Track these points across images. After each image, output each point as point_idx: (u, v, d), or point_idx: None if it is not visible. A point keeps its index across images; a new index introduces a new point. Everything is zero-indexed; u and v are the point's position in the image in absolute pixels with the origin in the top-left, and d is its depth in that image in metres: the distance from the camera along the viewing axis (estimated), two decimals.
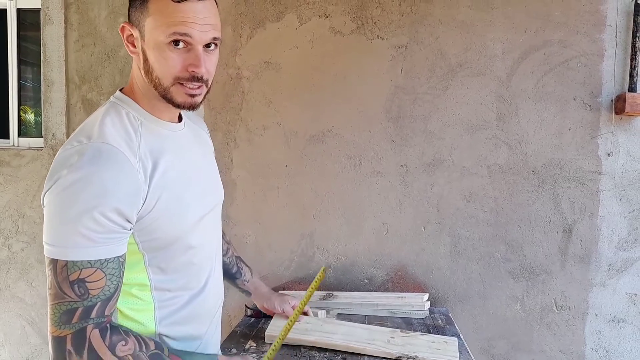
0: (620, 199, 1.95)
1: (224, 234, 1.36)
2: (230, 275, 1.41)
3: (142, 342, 0.90)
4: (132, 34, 0.93)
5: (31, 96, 2.50)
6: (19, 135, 2.44)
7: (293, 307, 1.47)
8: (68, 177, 0.83)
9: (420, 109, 2.03)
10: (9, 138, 2.43)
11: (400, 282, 2.06)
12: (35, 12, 2.32)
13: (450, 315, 1.88)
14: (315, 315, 1.67)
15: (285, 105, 2.11)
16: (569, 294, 1.98)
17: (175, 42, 0.89)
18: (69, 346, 0.83)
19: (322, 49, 2.08)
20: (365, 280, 2.09)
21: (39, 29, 2.29)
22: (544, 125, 1.97)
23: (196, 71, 0.91)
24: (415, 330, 1.64)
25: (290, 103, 2.11)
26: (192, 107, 0.95)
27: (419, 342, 1.45)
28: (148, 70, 0.92)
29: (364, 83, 2.06)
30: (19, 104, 2.45)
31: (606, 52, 1.93)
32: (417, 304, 1.81)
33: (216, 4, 0.96)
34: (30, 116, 2.51)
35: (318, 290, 2.00)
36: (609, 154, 1.94)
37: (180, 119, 1.06)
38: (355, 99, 2.07)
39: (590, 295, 1.97)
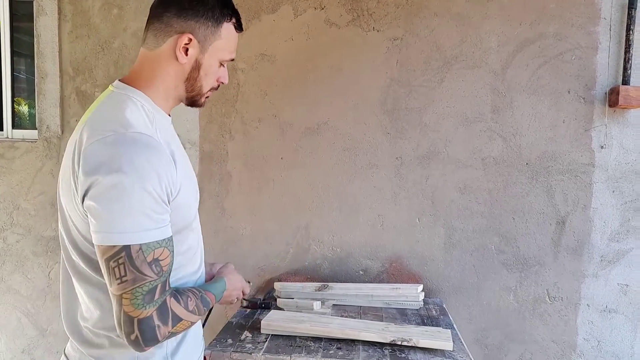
0: (613, 191, 1.97)
1: None
2: None
3: (194, 291, 1.01)
4: (189, 44, 1.00)
5: (25, 88, 2.48)
6: (13, 127, 2.42)
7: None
8: (121, 165, 0.86)
9: (415, 102, 2.04)
10: (2, 130, 2.41)
11: (395, 273, 2.08)
12: (29, 3, 2.30)
13: (444, 306, 1.90)
14: (310, 306, 1.69)
15: (281, 97, 2.11)
16: (561, 284, 2.00)
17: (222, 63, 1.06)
18: (156, 321, 0.89)
19: (318, 41, 2.08)
20: (361, 272, 2.10)
21: (32, 20, 2.27)
22: (538, 117, 1.98)
23: (225, 83, 1.11)
24: (410, 321, 1.66)
25: (285, 95, 2.11)
26: (201, 106, 1.11)
27: (413, 330, 1.46)
28: (194, 77, 1.03)
29: (360, 75, 2.06)
30: (13, 96, 2.43)
31: (600, 45, 1.94)
32: (412, 294, 1.83)
33: None
34: (24, 108, 2.50)
35: (313, 282, 2.02)
36: (602, 147, 1.96)
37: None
38: (351, 92, 2.07)
39: (583, 286, 1.99)
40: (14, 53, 2.41)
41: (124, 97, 0.97)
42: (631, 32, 1.89)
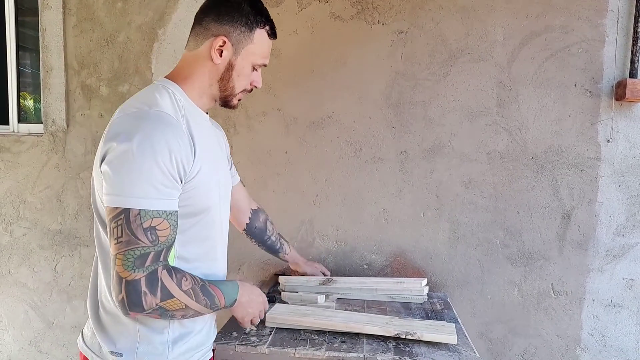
0: (619, 185, 1.95)
1: (267, 215, 1.73)
2: (275, 250, 1.76)
3: (194, 277, 1.05)
4: (223, 46, 1.09)
5: (30, 82, 2.49)
6: (19, 121, 2.43)
7: (316, 268, 1.85)
8: (137, 135, 0.93)
9: (420, 95, 2.03)
10: (8, 124, 2.43)
11: (400, 267, 2.08)
12: None
13: (448, 300, 1.90)
14: (315, 300, 1.69)
15: (285, 91, 2.11)
16: (566, 279, 2.00)
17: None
18: (144, 287, 0.94)
19: (322, 35, 2.07)
20: (365, 266, 2.11)
21: (37, 14, 2.27)
22: (544, 111, 1.97)
23: (258, 86, 1.18)
24: (414, 315, 1.66)
25: (289, 89, 2.11)
26: (235, 107, 1.18)
27: (417, 324, 1.47)
28: (226, 78, 1.11)
29: (364, 69, 2.05)
30: (18, 90, 2.44)
31: (607, 38, 1.92)
32: (416, 289, 1.82)
33: None
34: (29, 102, 2.51)
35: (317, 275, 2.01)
36: (608, 141, 1.94)
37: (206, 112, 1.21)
38: (355, 85, 2.06)
39: (588, 281, 1.99)
40: (19, 47, 2.42)
41: (159, 87, 1.08)
42: (639, 24, 1.87)
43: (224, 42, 1.08)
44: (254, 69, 1.14)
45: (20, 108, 2.46)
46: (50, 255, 2.35)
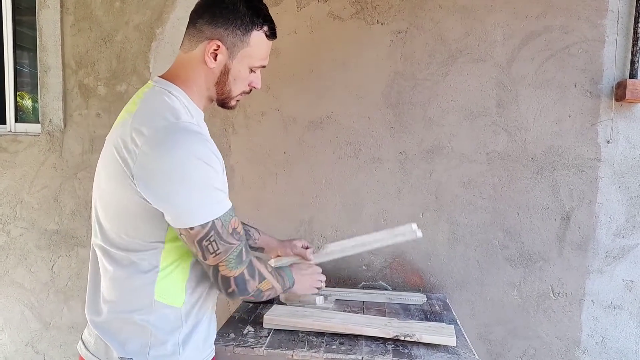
0: (619, 187, 1.95)
1: None
2: None
3: (265, 263, 1.17)
4: (217, 50, 1.05)
5: (28, 82, 2.48)
6: (16, 121, 2.42)
7: (302, 247, 1.63)
8: (178, 151, 0.93)
9: (419, 95, 2.02)
10: (5, 124, 2.41)
11: (398, 268, 2.07)
12: None
13: (447, 301, 1.89)
14: (313, 301, 1.68)
15: (284, 91, 2.10)
16: (565, 280, 1.99)
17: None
18: (247, 277, 1.06)
19: (321, 34, 2.06)
20: (364, 267, 2.10)
21: (34, 13, 2.26)
22: (543, 112, 1.96)
23: (257, 88, 1.15)
24: (413, 316, 1.66)
25: (288, 89, 2.10)
26: (233, 108, 1.17)
27: (416, 326, 1.46)
28: (223, 82, 1.08)
29: (363, 69, 2.04)
30: (16, 90, 2.43)
31: (607, 38, 1.91)
32: (408, 232, 1.59)
33: None
34: (27, 102, 2.50)
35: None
36: (608, 141, 1.94)
37: None
38: (354, 85, 2.05)
39: (587, 282, 1.98)
40: (16, 46, 2.41)
41: (164, 92, 1.04)
42: (639, 24, 1.86)
43: (218, 47, 1.04)
44: (252, 71, 1.11)
45: (17, 107, 2.44)
46: (47, 256, 2.33)
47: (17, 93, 2.45)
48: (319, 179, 2.10)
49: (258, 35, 1.07)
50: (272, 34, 1.10)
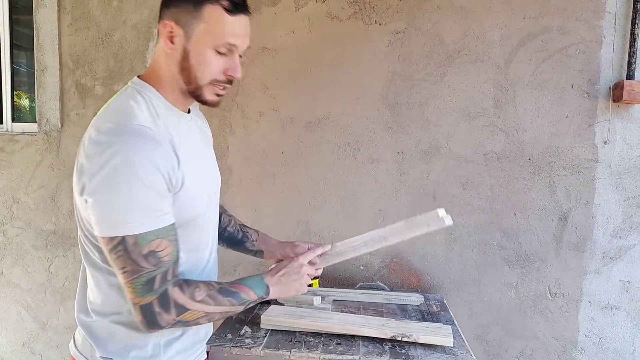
0: (616, 187, 1.95)
1: (224, 209, 1.43)
2: (237, 242, 1.42)
3: (208, 284, 1.02)
4: (173, 32, 0.97)
5: (25, 81, 2.47)
6: (13, 120, 2.41)
7: (308, 249, 1.37)
8: (115, 157, 0.88)
9: (417, 96, 2.02)
10: (2, 123, 2.41)
11: (396, 269, 2.07)
12: None
13: (445, 302, 1.89)
14: (310, 302, 1.68)
15: (282, 91, 2.10)
16: (563, 281, 1.99)
17: (222, 50, 0.97)
18: (157, 309, 0.93)
19: (319, 34, 2.06)
20: (361, 267, 2.10)
21: (31, 13, 2.26)
22: (541, 112, 1.96)
23: (235, 76, 1.01)
24: (410, 317, 1.65)
25: (286, 89, 2.09)
26: (215, 104, 1.03)
27: (413, 326, 1.46)
28: (186, 67, 0.98)
29: (361, 69, 2.04)
30: (13, 89, 2.42)
31: (605, 39, 1.91)
32: (433, 219, 1.27)
33: None
34: (24, 101, 2.49)
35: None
36: (605, 142, 1.94)
37: (188, 110, 1.12)
38: (352, 86, 2.05)
39: (585, 283, 1.98)
40: (13, 46, 2.40)
41: (134, 92, 1.00)
42: (636, 26, 1.86)
43: (172, 27, 0.96)
44: (220, 53, 0.97)
45: (14, 107, 2.44)
46: (44, 256, 2.33)
47: (14, 92, 2.44)
48: (317, 180, 2.10)
49: (213, 10, 0.95)
50: (234, 9, 0.97)
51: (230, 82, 1.02)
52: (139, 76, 1.04)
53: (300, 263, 1.20)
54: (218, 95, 1.02)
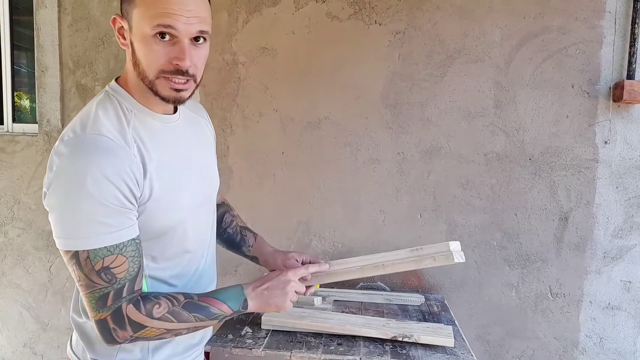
0: (617, 187, 1.95)
1: (230, 207, 1.40)
2: (235, 245, 1.37)
3: (172, 298, 0.96)
4: (122, 26, 0.92)
5: (25, 82, 2.48)
6: (14, 121, 2.42)
7: (303, 262, 1.33)
8: (69, 170, 0.85)
9: (417, 96, 2.02)
10: (3, 124, 2.41)
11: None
12: None
13: (445, 302, 1.89)
14: (311, 302, 1.68)
15: (282, 91, 2.10)
16: (564, 281, 1.99)
17: (162, 35, 0.88)
18: (112, 325, 0.90)
19: (319, 35, 2.06)
20: None
21: (32, 13, 2.26)
22: (541, 112, 1.96)
23: (180, 64, 0.89)
24: (411, 317, 1.65)
25: (286, 89, 2.09)
26: (177, 101, 0.95)
27: (414, 327, 1.46)
28: (135, 62, 0.92)
29: (361, 69, 2.04)
30: (13, 90, 2.42)
31: (605, 39, 1.91)
32: (441, 252, 1.19)
33: None
34: (24, 102, 2.49)
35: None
36: (606, 142, 1.94)
37: (175, 109, 1.06)
38: (352, 86, 2.05)
39: (585, 283, 1.98)
40: (14, 47, 2.40)
41: (102, 97, 0.96)
42: (636, 25, 1.86)
43: (120, 22, 0.92)
44: (162, 39, 0.88)
45: (15, 108, 2.44)
46: (44, 256, 2.33)
47: (15, 93, 2.45)
48: (317, 180, 2.10)
49: None
50: None
51: (181, 72, 0.90)
52: (116, 78, 1.00)
53: (288, 279, 1.08)
54: (177, 90, 0.92)
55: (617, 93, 1.88)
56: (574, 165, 1.95)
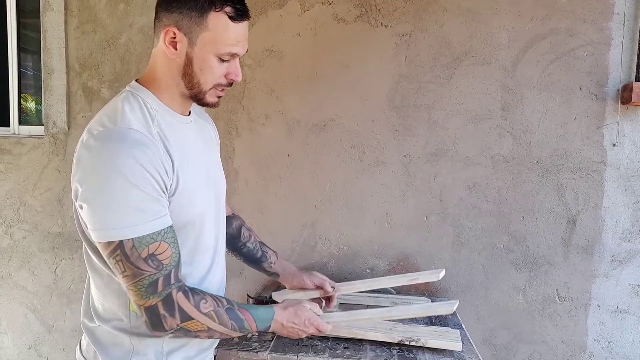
0: (625, 190, 1.93)
1: (243, 221, 1.44)
2: (255, 260, 1.42)
3: (217, 299, 1.00)
4: (175, 38, 0.97)
5: (31, 84, 2.48)
6: (20, 123, 2.42)
7: (315, 277, 1.42)
8: (104, 161, 0.88)
9: (424, 98, 2.01)
10: (9, 126, 2.41)
11: (403, 272, 2.06)
12: None
13: None
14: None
15: (288, 93, 2.09)
16: (571, 284, 1.97)
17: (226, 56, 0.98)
18: (162, 311, 0.93)
19: (325, 37, 2.05)
20: (368, 270, 2.08)
21: (38, 16, 2.26)
22: (549, 115, 1.95)
23: (235, 80, 1.02)
24: (418, 321, 1.64)
25: (292, 92, 2.09)
26: (216, 105, 1.05)
27: (421, 330, 1.44)
28: (189, 73, 0.99)
29: (367, 72, 2.03)
30: (19, 92, 2.43)
31: (613, 41, 1.90)
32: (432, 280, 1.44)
33: None
34: (30, 104, 2.50)
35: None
36: (614, 145, 1.92)
37: (189, 112, 1.11)
38: (358, 88, 2.05)
39: (593, 286, 1.96)
40: (20, 49, 2.41)
41: (129, 95, 0.99)
42: None
43: (175, 34, 0.96)
44: (222, 60, 0.98)
45: (21, 110, 2.45)
46: (50, 258, 2.33)
47: (21, 95, 2.45)
48: (323, 182, 2.09)
49: (218, 17, 0.95)
50: (238, 16, 0.96)
51: (230, 84, 1.03)
52: (137, 79, 1.04)
53: (312, 322, 1.15)
54: (219, 97, 1.05)
55: (625, 95, 1.87)
56: (582, 167, 1.94)
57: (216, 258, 1.14)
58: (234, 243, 1.40)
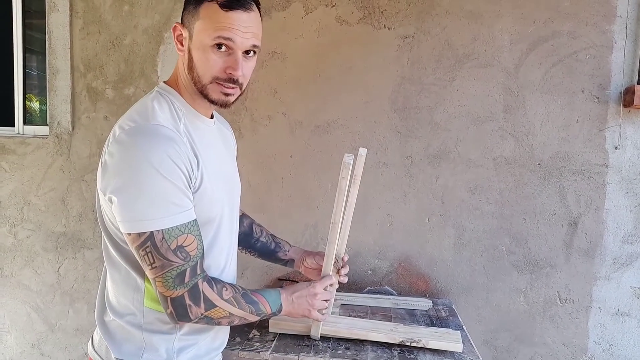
0: (627, 193, 1.93)
1: (253, 219, 1.49)
2: (270, 252, 1.47)
3: (234, 286, 1.06)
4: (182, 34, 1.01)
5: (36, 84, 2.50)
6: (24, 123, 2.44)
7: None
8: (136, 154, 0.91)
9: (426, 100, 2.02)
10: (14, 126, 2.43)
11: (404, 273, 2.06)
12: (41, 0, 2.31)
13: (453, 307, 1.89)
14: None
15: (291, 95, 2.10)
16: (572, 287, 1.97)
17: (219, 46, 0.96)
18: (188, 301, 0.96)
19: (328, 39, 2.06)
20: (369, 272, 2.09)
21: (44, 17, 2.28)
22: (551, 117, 1.95)
23: (233, 74, 0.99)
24: (419, 322, 1.65)
25: (295, 93, 2.10)
26: (224, 104, 1.03)
27: (422, 331, 1.45)
28: (191, 67, 1.00)
29: (370, 73, 2.04)
30: (24, 92, 2.45)
31: (615, 44, 1.90)
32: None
33: (260, 15, 1.05)
34: (35, 104, 2.51)
35: None
36: (616, 147, 1.93)
37: (212, 116, 1.14)
38: (361, 90, 2.05)
39: (595, 289, 1.96)
40: (25, 50, 2.43)
41: (158, 95, 1.03)
42: None
43: (180, 30, 1.00)
44: (219, 50, 0.97)
45: (26, 110, 2.46)
46: (53, 258, 2.34)
47: (26, 95, 2.47)
48: (325, 183, 2.10)
49: (209, 6, 0.96)
50: (228, 5, 0.95)
51: (233, 80, 0.99)
52: (165, 81, 1.08)
53: (315, 292, 1.21)
54: (225, 94, 1.01)
55: (627, 98, 1.87)
56: (584, 170, 1.94)
57: (229, 259, 1.16)
58: (248, 240, 1.44)
